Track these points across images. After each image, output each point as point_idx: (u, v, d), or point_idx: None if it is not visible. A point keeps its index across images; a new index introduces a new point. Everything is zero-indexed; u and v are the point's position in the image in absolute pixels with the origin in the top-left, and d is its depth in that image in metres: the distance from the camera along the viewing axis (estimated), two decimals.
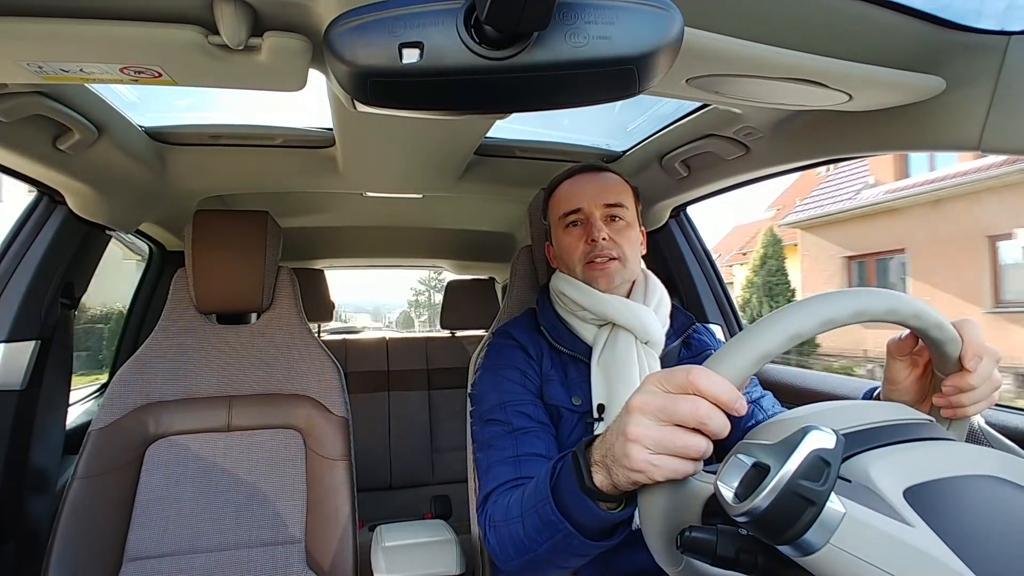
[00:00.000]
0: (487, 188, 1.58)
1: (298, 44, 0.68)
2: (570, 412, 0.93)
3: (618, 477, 0.53)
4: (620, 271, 0.96)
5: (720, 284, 1.66)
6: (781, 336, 0.48)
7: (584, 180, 1.02)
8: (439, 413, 2.31)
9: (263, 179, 1.49)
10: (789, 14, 0.68)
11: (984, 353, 0.55)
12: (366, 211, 1.97)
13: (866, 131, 0.90)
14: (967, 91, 0.75)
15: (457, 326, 2.43)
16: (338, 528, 1.15)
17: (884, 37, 0.72)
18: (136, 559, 1.09)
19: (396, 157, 1.31)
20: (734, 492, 0.41)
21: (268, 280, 1.27)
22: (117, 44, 0.64)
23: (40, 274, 1.16)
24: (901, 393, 0.63)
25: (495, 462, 0.85)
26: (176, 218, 1.58)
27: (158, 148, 1.25)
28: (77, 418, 1.49)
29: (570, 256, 0.99)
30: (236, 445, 1.20)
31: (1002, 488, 0.44)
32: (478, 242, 2.40)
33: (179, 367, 1.22)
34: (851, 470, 0.44)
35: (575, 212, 0.99)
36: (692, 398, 0.47)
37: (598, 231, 0.95)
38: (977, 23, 0.72)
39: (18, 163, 1.00)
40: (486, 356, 1.01)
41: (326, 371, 1.28)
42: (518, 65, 0.42)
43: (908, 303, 0.52)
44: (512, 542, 0.72)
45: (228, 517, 1.16)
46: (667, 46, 0.43)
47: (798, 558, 0.39)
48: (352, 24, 0.42)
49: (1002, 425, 0.91)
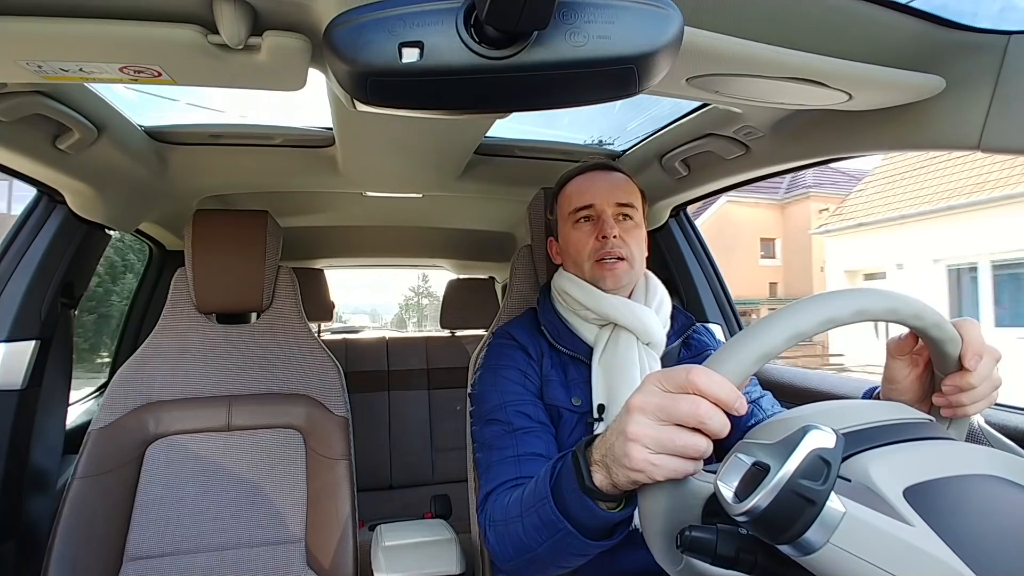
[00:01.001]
0: (487, 187, 1.58)
1: (298, 43, 0.68)
2: (570, 413, 0.93)
3: (618, 476, 0.53)
4: (628, 272, 0.96)
5: (720, 283, 1.66)
6: (781, 336, 0.48)
7: (597, 177, 1.02)
8: (439, 413, 2.31)
9: (263, 179, 1.49)
10: (789, 13, 0.68)
11: (984, 352, 0.55)
12: (366, 211, 1.97)
13: (866, 130, 0.90)
14: (967, 90, 0.75)
15: (457, 326, 2.42)
16: (338, 527, 1.15)
17: (884, 36, 0.72)
18: (136, 559, 1.09)
19: (396, 156, 1.31)
20: (734, 491, 0.41)
21: (268, 280, 1.27)
22: (117, 43, 0.64)
23: (40, 274, 1.16)
24: (901, 392, 0.62)
25: (495, 462, 0.85)
26: (176, 218, 1.58)
27: (158, 148, 1.24)
28: (77, 418, 1.49)
29: (579, 252, 0.98)
30: (236, 445, 1.20)
31: (1002, 487, 0.44)
32: (478, 241, 2.39)
33: (179, 367, 1.22)
34: (851, 469, 0.44)
35: (587, 208, 0.98)
36: (692, 397, 0.47)
37: (610, 228, 0.95)
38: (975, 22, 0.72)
39: (18, 162, 1.00)
40: (486, 356, 1.01)
41: (326, 371, 1.28)
42: (518, 64, 0.42)
43: (908, 302, 0.52)
44: (512, 542, 0.72)
45: (228, 516, 1.16)
46: (667, 45, 0.43)
47: (798, 557, 0.39)
48: (352, 23, 0.42)
49: (1002, 424, 0.91)
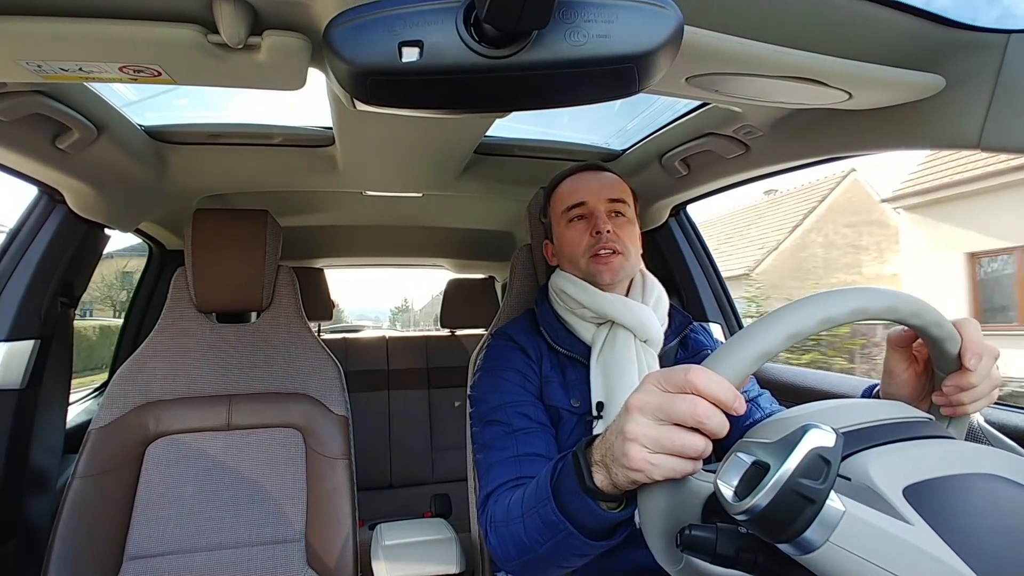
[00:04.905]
0: (487, 187, 1.58)
1: (298, 43, 0.68)
2: (569, 414, 0.93)
3: (618, 476, 0.53)
4: (624, 265, 0.96)
5: (720, 283, 1.66)
6: (780, 335, 0.48)
7: (587, 177, 1.03)
8: (439, 412, 2.31)
9: (263, 178, 1.49)
10: (789, 12, 0.68)
11: (983, 352, 0.55)
12: (365, 210, 1.97)
13: (866, 129, 0.90)
14: (967, 89, 0.75)
15: (457, 325, 2.42)
16: (338, 526, 1.15)
17: (884, 35, 0.72)
18: (136, 558, 1.09)
19: (395, 156, 1.31)
20: (734, 491, 0.41)
21: (268, 279, 1.27)
22: (116, 43, 0.64)
23: (40, 273, 1.16)
24: (899, 388, 0.62)
25: (495, 462, 0.85)
26: (176, 217, 1.58)
27: (157, 147, 1.24)
28: (77, 417, 1.49)
29: (573, 250, 0.99)
30: (236, 444, 1.20)
31: (1001, 486, 0.44)
32: (478, 241, 2.39)
33: (179, 366, 1.22)
34: (851, 468, 0.44)
35: (579, 206, 0.99)
36: (691, 397, 0.47)
37: (603, 223, 0.96)
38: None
39: (17, 162, 1.00)
40: (484, 358, 1.01)
41: (326, 370, 1.28)
42: (518, 64, 0.42)
43: (907, 301, 0.52)
44: (513, 542, 0.72)
45: (228, 516, 1.16)
46: (667, 44, 0.43)
47: (798, 556, 0.39)
48: (352, 23, 0.42)
49: (1001, 423, 0.91)
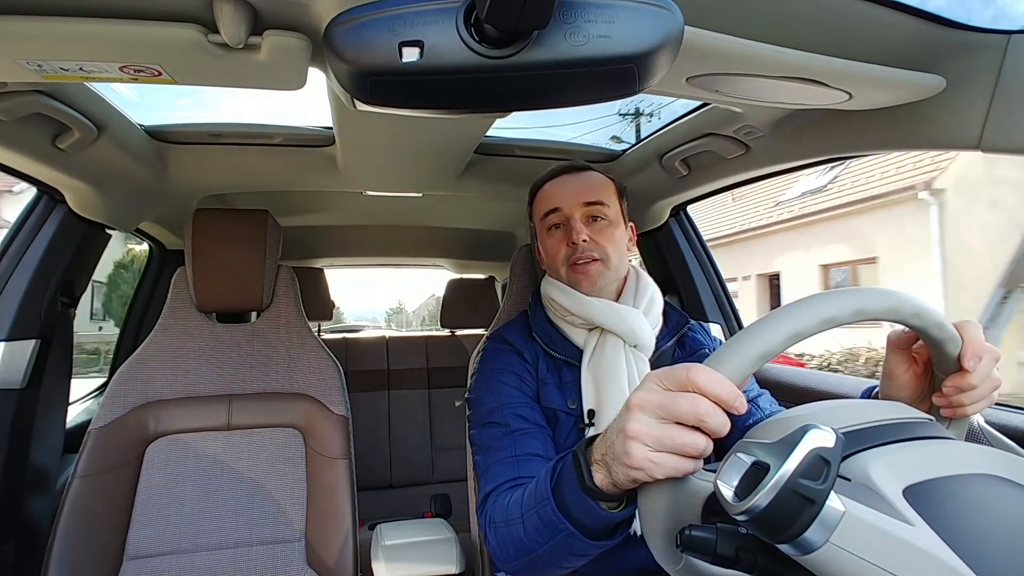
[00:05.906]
0: (487, 187, 1.58)
1: (298, 43, 0.68)
2: (566, 415, 0.93)
3: (618, 475, 0.53)
4: (603, 272, 0.95)
5: (720, 282, 1.66)
6: (781, 335, 0.48)
7: (564, 181, 1.01)
8: (439, 412, 2.31)
9: (263, 178, 1.49)
10: (789, 13, 0.68)
11: (984, 353, 0.55)
12: (366, 210, 1.97)
13: (866, 130, 0.90)
14: (967, 90, 0.75)
15: (457, 325, 2.42)
16: (338, 526, 1.15)
17: (884, 36, 0.72)
18: (136, 557, 1.09)
19: (396, 156, 1.31)
20: (734, 491, 0.41)
21: (268, 279, 1.27)
22: (117, 43, 0.64)
23: (40, 273, 1.16)
24: (899, 389, 0.62)
25: (494, 463, 0.85)
26: (176, 217, 1.58)
27: (158, 147, 1.24)
28: (77, 417, 1.49)
29: (553, 259, 0.98)
30: (236, 444, 1.20)
31: (1002, 487, 0.44)
32: (478, 241, 2.40)
33: (179, 366, 1.22)
34: (851, 469, 0.44)
35: (554, 212, 0.98)
36: (692, 396, 0.47)
37: (577, 233, 0.94)
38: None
39: (18, 162, 1.00)
40: (481, 361, 1.00)
41: (326, 370, 1.28)
42: (518, 64, 0.42)
43: (908, 302, 0.52)
44: (513, 543, 0.72)
45: (228, 515, 1.16)
46: (667, 45, 0.43)
47: (798, 557, 0.39)
48: (352, 23, 0.42)
49: (1002, 424, 0.91)
